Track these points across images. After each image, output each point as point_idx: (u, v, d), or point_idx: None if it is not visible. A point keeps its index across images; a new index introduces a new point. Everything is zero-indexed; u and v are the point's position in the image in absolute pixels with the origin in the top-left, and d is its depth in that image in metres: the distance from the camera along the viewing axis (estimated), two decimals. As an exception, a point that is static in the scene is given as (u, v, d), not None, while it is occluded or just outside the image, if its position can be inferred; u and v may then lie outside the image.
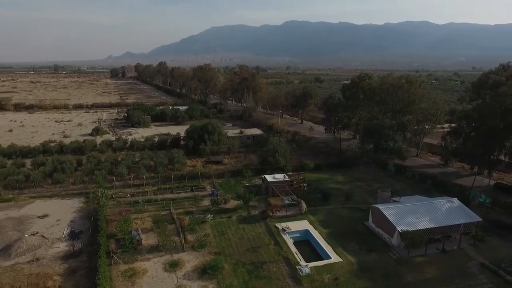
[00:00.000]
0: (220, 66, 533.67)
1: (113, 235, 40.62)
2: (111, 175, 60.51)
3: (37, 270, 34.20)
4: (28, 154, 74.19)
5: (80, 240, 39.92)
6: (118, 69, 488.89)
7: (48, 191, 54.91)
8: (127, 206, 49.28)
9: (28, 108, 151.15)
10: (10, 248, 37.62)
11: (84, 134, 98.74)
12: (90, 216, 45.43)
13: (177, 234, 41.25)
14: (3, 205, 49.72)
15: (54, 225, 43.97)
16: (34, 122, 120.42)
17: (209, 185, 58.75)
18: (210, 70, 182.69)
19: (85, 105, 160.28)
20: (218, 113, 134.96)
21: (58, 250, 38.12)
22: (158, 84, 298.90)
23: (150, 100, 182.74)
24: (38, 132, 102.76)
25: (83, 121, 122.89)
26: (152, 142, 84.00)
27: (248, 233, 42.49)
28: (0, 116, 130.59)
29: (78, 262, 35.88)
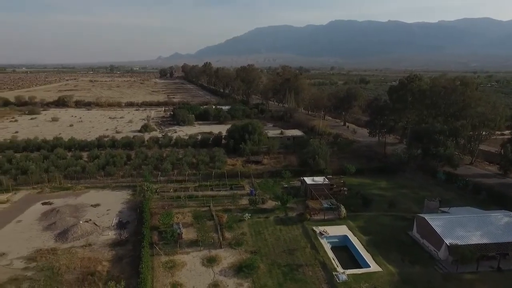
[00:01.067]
0: (263, 67, 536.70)
1: (156, 227, 42.81)
2: (156, 170, 63.77)
3: (89, 255, 37.18)
4: (85, 147, 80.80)
5: (127, 230, 42.65)
6: (167, 69, 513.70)
7: (100, 183, 59.37)
8: (170, 200, 51.67)
9: (86, 105, 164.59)
10: (67, 232, 41.33)
11: (133, 130, 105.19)
12: (136, 208, 48.31)
13: (215, 231, 42.38)
14: (63, 193, 54.73)
15: (105, 214, 47.44)
16: (91, 118, 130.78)
17: (248, 185, 59.52)
18: (253, 71, 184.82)
19: (136, 103, 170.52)
20: (260, 114, 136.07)
21: (107, 238, 41.08)
22: (203, 84, 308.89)
23: (195, 100, 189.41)
24: (94, 127, 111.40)
25: (134, 118, 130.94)
26: (195, 140, 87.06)
27: (284, 235, 42.38)
28: (63, 112, 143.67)
29: (124, 250, 38.37)
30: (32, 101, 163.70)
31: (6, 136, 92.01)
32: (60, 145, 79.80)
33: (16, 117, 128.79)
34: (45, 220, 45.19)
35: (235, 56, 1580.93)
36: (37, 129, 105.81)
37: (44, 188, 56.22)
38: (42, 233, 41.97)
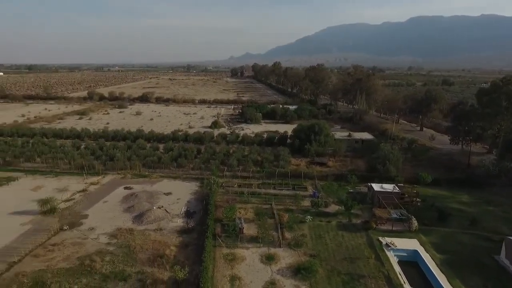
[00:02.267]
0: (333, 67, 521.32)
1: (220, 220, 44.70)
2: (223, 165, 66.58)
3: (159, 238, 40.57)
4: (161, 140, 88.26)
5: (193, 219, 45.38)
6: (237, 69, 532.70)
7: (173, 173, 64.23)
8: (234, 195, 53.48)
9: (165, 101, 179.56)
10: (143, 216, 45.69)
11: (204, 126, 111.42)
12: (203, 200, 51.11)
13: (276, 230, 42.59)
14: (141, 180, 60.62)
15: (175, 203, 51.22)
16: (168, 113, 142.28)
17: (311, 186, 58.51)
18: (322, 70, 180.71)
19: (208, 101, 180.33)
20: (327, 114, 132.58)
21: (176, 225, 44.29)
22: (272, 83, 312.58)
23: (263, 99, 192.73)
24: (171, 122, 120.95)
25: (205, 114, 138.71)
26: (261, 138, 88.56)
27: (347, 241, 40.63)
28: (146, 107, 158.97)
29: (190, 238, 40.93)
30: (121, 96, 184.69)
31: (99, 127, 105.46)
32: (142, 136, 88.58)
33: (108, 110, 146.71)
34: (126, 203, 50.60)
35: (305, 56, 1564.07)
36: (124, 122, 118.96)
37: (127, 174, 62.95)
38: (122, 214, 47.11)
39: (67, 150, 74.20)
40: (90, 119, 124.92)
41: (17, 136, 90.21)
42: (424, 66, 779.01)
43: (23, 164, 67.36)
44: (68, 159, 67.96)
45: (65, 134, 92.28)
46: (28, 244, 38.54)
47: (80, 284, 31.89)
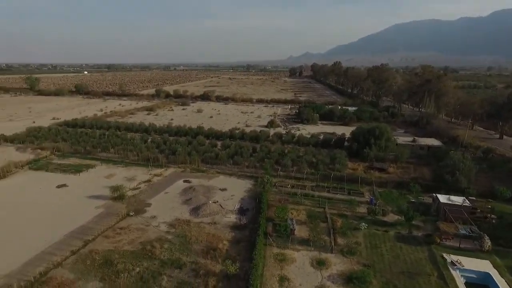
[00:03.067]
0: (398, 67, 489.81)
1: (271, 219, 45.00)
2: (277, 165, 66.81)
3: (213, 232, 42.26)
4: (219, 137, 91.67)
5: (246, 216, 46.35)
6: (296, 68, 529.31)
7: (229, 170, 66.30)
8: (287, 196, 53.38)
9: (224, 100, 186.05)
10: (199, 209, 48.02)
11: (261, 125, 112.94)
12: (256, 198, 51.91)
13: (328, 234, 41.52)
14: (199, 175, 63.71)
15: (229, 199, 52.85)
16: (227, 111, 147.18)
17: (368, 192, 55.81)
18: (386, 71, 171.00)
19: (265, 100, 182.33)
20: (390, 117, 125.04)
21: (229, 220, 45.69)
22: (331, 83, 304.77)
23: (321, 99, 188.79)
24: (229, 120, 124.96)
25: (262, 114, 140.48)
26: (317, 140, 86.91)
27: (405, 255, 37.96)
28: (206, 105, 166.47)
29: (242, 234, 41.90)
30: (185, 94, 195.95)
31: (164, 122, 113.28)
32: (201, 133, 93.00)
33: (172, 107, 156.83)
34: (184, 195, 53.65)
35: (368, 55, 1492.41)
36: (186, 118, 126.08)
37: (186, 168, 66.67)
38: (181, 206, 50.04)
39: (136, 143, 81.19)
40: (157, 115, 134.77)
41: (95, 128, 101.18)
42: (508, 66, 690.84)
43: (100, 154, 75.36)
44: (136, 151, 74.28)
45: (135, 128, 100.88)
46: (100, 225, 43.04)
47: (141, 267, 34.68)
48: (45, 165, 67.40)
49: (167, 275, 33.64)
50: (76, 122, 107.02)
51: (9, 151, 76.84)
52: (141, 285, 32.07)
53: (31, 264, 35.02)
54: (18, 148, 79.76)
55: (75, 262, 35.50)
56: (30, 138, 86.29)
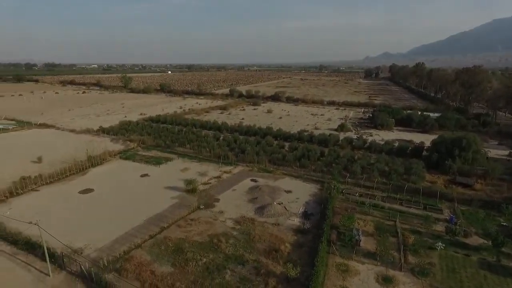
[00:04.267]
0: (495, 68, 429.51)
1: (336, 227, 43.81)
2: (345, 171, 64.58)
3: (276, 233, 42.91)
4: (287, 138, 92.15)
5: (310, 221, 45.95)
6: (372, 69, 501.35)
7: (295, 172, 66.31)
8: (354, 204, 51.32)
9: (295, 101, 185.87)
10: (264, 208, 49.18)
11: (330, 128, 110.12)
12: (321, 203, 51.04)
13: (397, 250, 38.83)
14: (265, 175, 65.08)
15: (294, 201, 52.93)
16: (296, 113, 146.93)
17: (448, 209, 50.47)
18: (480, 73, 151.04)
19: (337, 102, 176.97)
20: (480, 126, 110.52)
21: (292, 223, 45.83)
22: (411, 86, 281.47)
23: (398, 103, 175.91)
24: (298, 121, 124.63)
25: (332, 116, 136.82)
26: (391, 147, 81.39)
27: (491, 285, 33.46)
28: (276, 106, 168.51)
29: (305, 239, 41.70)
30: (256, 94, 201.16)
31: (236, 121, 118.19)
32: (270, 133, 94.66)
33: (244, 107, 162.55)
34: (250, 194, 55.43)
35: (458, 55, 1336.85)
36: (256, 118, 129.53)
37: (254, 168, 68.68)
38: (247, 204, 51.85)
39: (209, 140, 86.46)
40: (229, 114, 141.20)
41: (175, 125, 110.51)
42: None
43: (177, 148, 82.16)
44: (209, 148, 79.07)
45: (209, 125, 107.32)
46: (174, 215, 47.09)
47: (208, 259, 37.03)
48: (132, 155, 76.20)
49: (231, 269, 35.33)
50: (159, 118, 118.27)
51: (105, 141, 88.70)
52: (207, 275, 34.28)
53: (117, 242, 40.12)
54: (112, 139, 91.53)
55: (152, 245, 39.57)
56: (122, 130, 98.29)
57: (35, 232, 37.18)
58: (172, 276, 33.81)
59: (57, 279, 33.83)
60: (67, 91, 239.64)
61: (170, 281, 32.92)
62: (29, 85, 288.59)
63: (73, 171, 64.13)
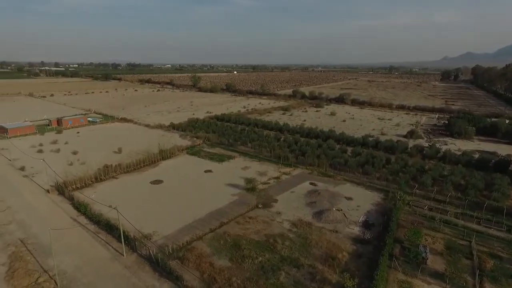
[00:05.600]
0: None
1: (400, 241, 41.05)
2: (413, 181, 60.02)
3: (334, 240, 41.80)
4: (350, 143, 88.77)
5: (371, 231, 43.74)
6: (451, 71, 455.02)
7: (357, 178, 63.66)
8: (422, 218, 47.46)
9: (360, 103, 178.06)
10: (322, 213, 48.25)
11: (398, 134, 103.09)
12: (384, 214, 48.21)
13: (472, 275, 34.91)
14: (325, 179, 63.68)
15: (354, 209, 50.91)
16: (361, 116, 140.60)
17: (539, 235, 43.71)
18: None
19: (407, 107, 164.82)
20: None
21: (351, 232, 44.15)
22: (498, 91, 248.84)
23: (481, 109, 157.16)
24: (362, 125, 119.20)
25: (401, 122, 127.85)
26: (470, 158, 73.08)
27: None
28: (340, 108, 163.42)
29: (364, 250, 39.87)
30: (320, 96, 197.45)
31: (297, 123, 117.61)
32: (332, 137, 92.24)
33: (306, 108, 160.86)
34: (309, 197, 54.79)
35: None
36: (318, 120, 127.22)
37: (314, 171, 67.69)
38: (304, 207, 51.40)
39: (270, 140, 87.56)
40: (291, 115, 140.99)
41: (238, 124, 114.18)
42: None
43: (239, 147, 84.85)
44: (270, 148, 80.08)
45: (270, 126, 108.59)
46: (234, 211, 48.82)
47: (263, 258, 37.67)
48: (198, 151, 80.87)
49: (285, 271, 35.47)
50: (223, 117, 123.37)
51: (174, 137, 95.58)
52: (261, 274, 34.92)
53: (181, 232, 43.08)
54: (181, 135, 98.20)
55: (211, 239, 41.64)
56: (189, 127, 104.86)
57: (113, 215, 41.87)
58: (229, 271, 35.19)
59: (130, 259, 37.64)
60: (144, 89, 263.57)
61: (227, 275, 34.29)
62: (114, 83, 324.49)
63: (147, 163, 70.45)
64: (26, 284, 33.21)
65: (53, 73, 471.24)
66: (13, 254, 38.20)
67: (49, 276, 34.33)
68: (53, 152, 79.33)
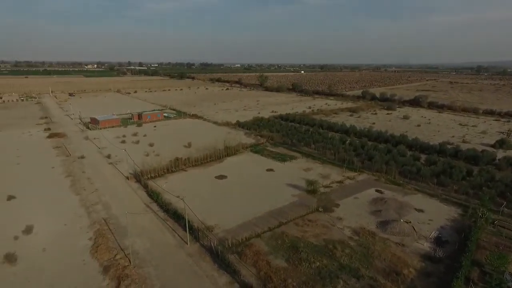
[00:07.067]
0: None
1: (480, 264, 36.39)
2: (501, 197, 52.62)
3: (399, 254, 38.85)
4: (425, 150, 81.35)
5: (444, 249, 39.59)
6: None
7: (431, 190, 58.08)
8: (509, 241, 41.36)
9: (439, 107, 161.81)
10: (387, 224, 45.19)
11: (484, 143, 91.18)
12: (461, 232, 43.17)
13: None
14: (393, 187, 59.44)
15: (425, 223, 46.57)
16: (440, 121, 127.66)
17: None
18: None
19: (497, 112, 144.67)
20: None
21: (421, 247, 40.48)
22: None
23: None
24: (440, 131, 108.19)
25: (489, 129, 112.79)
26: None
27: None
28: (415, 112, 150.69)
29: (434, 268, 36.25)
30: (392, 98, 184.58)
31: (365, 125, 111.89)
32: (404, 142, 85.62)
33: (376, 111, 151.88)
34: (374, 205, 51.77)
35: None
36: (389, 124, 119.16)
37: (381, 177, 63.71)
38: (368, 215, 48.72)
39: (334, 143, 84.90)
40: (359, 117, 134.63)
41: (302, 124, 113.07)
42: None
43: (302, 148, 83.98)
44: (334, 151, 77.66)
45: (336, 128, 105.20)
46: (293, 212, 48.55)
47: (321, 263, 36.76)
48: (261, 150, 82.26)
49: (344, 280, 34.13)
50: (288, 117, 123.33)
51: (240, 135, 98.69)
52: (318, 280, 34.14)
53: (241, 227, 44.37)
54: (246, 133, 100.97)
55: (270, 237, 42.05)
56: (254, 126, 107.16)
57: (180, 205, 45.02)
58: (285, 272, 35.16)
59: (193, 249, 40.07)
60: (214, 87, 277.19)
61: (283, 276, 34.32)
62: (187, 81, 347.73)
63: (213, 158, 74.07)
64: (107, 259, 37.61)
65: (137, 72, 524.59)
66: (97, 231, 43.58)
67: (124, 255, 38.39)
68: (133, 143, 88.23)
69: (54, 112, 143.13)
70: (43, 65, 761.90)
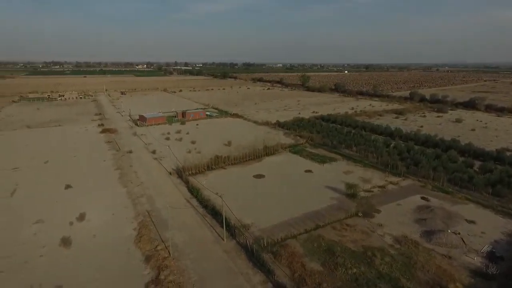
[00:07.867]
0: None
1: (540, 285, 32.80)
2: None
3: (445, 267, 36.28)
4: (479, 156, 75.06)
5: (498, 266, 36.28)
6: None
7: (485, 200, 53.46)
8: None
9: (498, 110, 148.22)
10: (433, 234, 42.42)
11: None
12: (520, 248, 39.27)
13: None
14: (441, 195, 55.54)
15: (477, 235, 43.00)
16: (498, 125, 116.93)
17: None
18: None
19: None
20: None
21: (470, 261, 37.46)
22: None
23: None
24: (498, 137, 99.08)
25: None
26: None
27: None
28: (469, 115, 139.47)
29: (485, 286, 33.35)
30: (443, 99, 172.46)
31: (412, 128, 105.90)
32: (455, 147, 79.73)
33: (425, 113, 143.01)
34: (418, 213, 48.85)
35: None
36: (439, 127, 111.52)
37: (427, 184, 59.90)
38: (412, 223, 46.11)
39: (378, 146, 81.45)
40: (406, 119, 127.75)
41: (344, 125, 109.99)
42: None
43: (343, 150, 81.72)
44: (377, 154, 74.54)
45: (380, 130, 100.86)
46: (331, 216, 47.44)
47: (358, 270, 35.53)
48: (300, 150, 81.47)
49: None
50: (329, 117, 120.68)
51: (279, 134, 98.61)
52: (355, 286, 33.05)
53: (277, 227, 44.36)
54: (285, 133, 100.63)
55: (306, 239, 41.54)
56: (294, 126, 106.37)
57: (219, 202, 46.13)
58: (320, 275, 34.53)
59: (229, 245, 40.90)
60: (255, 87, 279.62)
61: (318, 280, 33.73)
62: (230, 81, 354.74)
63: (251, 157, 74.84)
64: (149, 249, 39.74)
65: (183, 71, 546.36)
66: (141, 222, 46.19)
67: (164, 246, 40.27)
68: (177, 141, 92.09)
69: (107, 109, 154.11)
70: (100, 65, 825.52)
